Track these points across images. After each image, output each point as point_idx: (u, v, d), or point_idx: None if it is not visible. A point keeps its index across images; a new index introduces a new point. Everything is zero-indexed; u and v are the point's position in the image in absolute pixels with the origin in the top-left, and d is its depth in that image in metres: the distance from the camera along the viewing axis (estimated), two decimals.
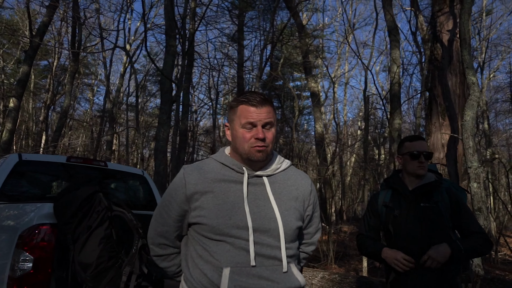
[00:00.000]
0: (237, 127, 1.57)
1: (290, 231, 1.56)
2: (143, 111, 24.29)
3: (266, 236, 1.51)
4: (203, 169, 1.61)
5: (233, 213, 1.50)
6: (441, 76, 5.24)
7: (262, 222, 1.51)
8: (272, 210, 1.54)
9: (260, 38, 15.79)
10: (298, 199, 1.65)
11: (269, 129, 1.58)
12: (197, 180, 1.56)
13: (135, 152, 25.00)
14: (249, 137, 1.54)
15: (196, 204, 1.54)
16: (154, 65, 10.57)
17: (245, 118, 1.55)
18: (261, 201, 1.56)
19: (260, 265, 1.47)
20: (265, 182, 1.60)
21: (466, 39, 4.13)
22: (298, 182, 1.69)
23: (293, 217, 1.59)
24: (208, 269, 1.48)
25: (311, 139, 26.63)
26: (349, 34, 16.13)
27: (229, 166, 1.60)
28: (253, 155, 1.55)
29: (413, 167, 2.40)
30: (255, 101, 1.56)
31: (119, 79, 21.79)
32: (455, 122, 5.02)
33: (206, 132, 23.51)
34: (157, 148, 9.42)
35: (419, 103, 15.27)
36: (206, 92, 21.44)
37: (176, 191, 1.59)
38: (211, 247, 1.50)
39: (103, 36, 15.33)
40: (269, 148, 1.58)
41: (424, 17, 15.44)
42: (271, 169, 1.64)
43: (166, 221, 1.62)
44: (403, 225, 2.32)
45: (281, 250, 1.51)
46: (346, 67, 26.36)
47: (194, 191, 1.55)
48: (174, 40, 10.18)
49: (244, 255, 1.47)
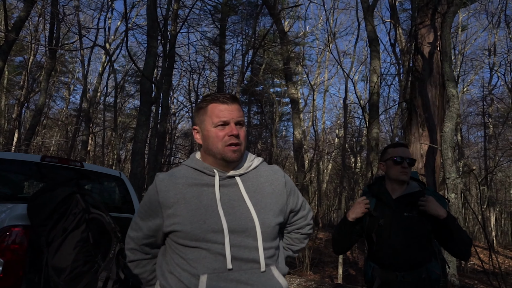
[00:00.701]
0: (209, 127, 1.54)
1: (268, 229, 1.52)
2: (121, 111, 23.89)
3: (244, 236, 1.48)
4: (174, 176, 1.57)
5: (207, 216, 1.47)
6: (421, 88, 5.35)
7: (238, 222, 1.48)
8: (247, 210, 1.51)
9: (242, 43, 15.84)
10: (274, 194, 1.62)
11: (241, 127, 1.56)
12: (169, 187, 1.53)
13: (111, 153, 24.55)
14: (223, 135, 1.51)
15: (169, 211, 1.50)
16: (135, 65, 10.42)
17: (217, 116, 1.52)
18: (236, 201, 1.52)
19: (238, 269, 1.44)
20: (238, 182, 1.56)
21: (447, 52, 4.23)
22: (271, 177, 1.65)
23: (270, 214, 1.55)
24: (185, 277, 1.44)
25: (289, 145, 26.79)
26: (330, 42, 16.32)
27: (200, 170, 1.57)
28: (227, 155, 1.52)
29: (396, 172, 2.40)
30: (225, 99, 1.54)
31: (97, 78, 21.39)
32: (434, 133, 5.12)
33: (185, 135, 23.33)
34: (135, 150, 9.26)
35: (396, 113, 15.56)
36: (185, 95, 21.27)
37: (149, 199, 1.57)
38: (187, 255, 1.46)
39: (82, 34, 15.03)
40: (243, 147, 1.56)
41: (403, 29, 15.79)
42: (243, 167, 1.61)
43: (140, 226, 1.60)
44: (386, 234, 2.31)
45: (258, 250, 1.48)
46: (326, 75, 26.68)
47: (166, 198, 1.51)
48: (156, 41, 10.07)
49: (221, 260, 1.43)
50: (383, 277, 2.29)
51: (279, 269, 1.57)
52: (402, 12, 18.23)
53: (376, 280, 2.31)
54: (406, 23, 17.38)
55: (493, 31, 20.79)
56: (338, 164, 23.20)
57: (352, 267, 13.25)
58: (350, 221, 2.35)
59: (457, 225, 2.23)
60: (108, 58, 17.18)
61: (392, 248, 2.28)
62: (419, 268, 2.25)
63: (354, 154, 23.13)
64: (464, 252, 2.30)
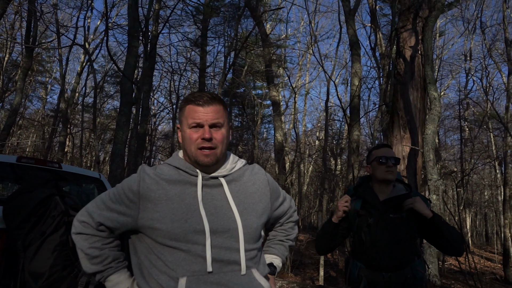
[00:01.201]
0: (185, 128, 1.52)
1: (250, 230, 1.50)
2: (100, 112, 23.49)
3: (225, 237, 1.45)
4: (158, 172, 1.53)
5: (189, 216, 1.43)
6: (403, 90, 5.42)
7: (221, 223, 1.45)
8: (230, 210, 1.48)
9: (224, 45, 15.77)
10: (257, 193, 1.60)
11: (218, 129, 1.52)
12: (152, 180, 1.48)
13: (89, 155, 24.10)
14: (196, 137, 1.49)
15: (148, 205, 1.45)
16: (115, 65, 10.24)
17: (192, 118, 1.50)
18: (219, 201, 1.49)
19: (218, 271, 1.40)
20: (223, 182, 1.54)
21: (429, 55, 4.30)
22: (253, 177, 1.64)
23: (253, 214, 1.53)
24: (163, 280, 1.40)
25: (270, 148, 26.86)
26: (312, 45, 16.44)
27: (183, 169, 1.53)
28: (199, 159, 1.49)
29: (381, 172, 2.40)
30: (201, 101, 1.50)
31: (76, 78, 20.96)
32: (415, 135, 5.19)
33: (165, 137, 23.10)
34: (115, 151, 9.10)
35: (376, 116, 15.77)
36: (166, 96, 21.07)
37: (129, 187, 1.50)
38: (165, 256, 1.41)
39: (61, 32, 14.70)
40: (218, 150, 1.52)
41: (383, 34, 16.04)
42: (226, 169, 1.58)
43: (106, 205, 1.52)
44: (373, 236, 2.32)
45: (240, 252, 1.45)
46: (307, 78, 26.91)
47: (148, 190, 1.46)
48: (137, 41, 9.93)
49: (201, 263, 1.39)
50: (369, 277, 2.30)
51: (260, 271, 1.54)
52: (382, 17, 18.54)
53: (362, 280, 2.32)
54: (386, 28, 17.67)
55: (469, 37, 21.33)
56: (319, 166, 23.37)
57: (332, 268, 13.34)
58: (334, 222, 2.36)
59: (444, 222, 2.25)
60: (87, 58, 16.87)
61: (379, 249, 2.29)
62: (404, 268, 2.27)
63: (334, 156, 23.33)
64: (456, 248, 2.32)
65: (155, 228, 1.42)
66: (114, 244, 1.58)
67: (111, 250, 1.55)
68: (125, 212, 1.49)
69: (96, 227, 1.53)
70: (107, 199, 1.54)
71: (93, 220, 1.52)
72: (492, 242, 27.38)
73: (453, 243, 2.28)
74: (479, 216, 33.93)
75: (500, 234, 20.85)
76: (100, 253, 1.52)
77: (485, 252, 24.26)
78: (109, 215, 1.51)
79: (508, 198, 17.72)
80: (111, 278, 1.54)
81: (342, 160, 24.77)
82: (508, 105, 17.55)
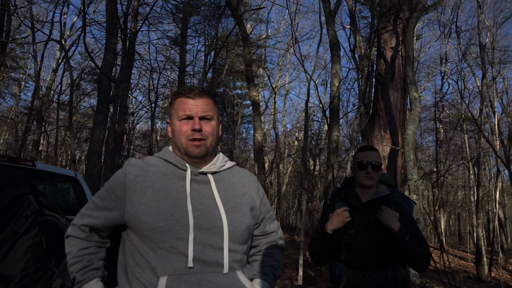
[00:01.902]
0: (175, 121, 1.54)
1: (236, 229, 1.47)
2: (76, 110, 22.98)
3: (210, 234, 1.42)
4: (146, 163, 1.53)
5: (175, 209, 1.41)
6: (384, 91, 5.47)
7: (206, 219, 1.43)
8: (216, 208, 1.47)
9: (204, 44, 15.65)
10: (246, 196, 1.59)
11: (208, 122, 1.53)
12: (138, 172, 1.48)
13: (65, 154, 23.54)
14: (186, 129, 1.50)
15: (134, 198, 1.44)
16: (93, 61, 10.01)
17: (182, 110, 1.52)
18: (206, 198, 1.48)
19: (200, 272, 1.37)
20: (210, 179, 1.53)
21: (410, 56, 4.34)
22: (244, 179, 1.64)
23: (239, 214, 1.51)
24: (145, 278, 1.36)
25: (250, 148, 26.83)
26: (292, 45, 16.50)
27: (172, 162, 1.52)
28: (190, 150, 1.50)
29: (361, 177, 2.40)
30: (192, 93, 1.53)
31: (51, 75, 20.44)
32: (395, 136, 5.24)
33: (143, 136, 22.76)
34: (92, 150, 8.90)
35: (355, 117, 15.94)
36: (145, 94, 20.76)
37: (115, 181, 1.51)
38: (148, 254, 1.39)
39: (36, 27, 14.29)
40: (209, 142, 1.53)
41: (362, 36, 16.22)
42: (216, 166, 1.58)
43: (96, 205, 1.53)
44: (355, 239, 2.31)
45: (223, 251, 1.42)
46: (287, 78, 27.00)
47: (133, 182, 1.46)
48: (115, 38, 9.73)
49: (182, 261, 1.36)
50: (350, 277, 2.30)
51: (246, 274, 1.50)
52: (361, 19, 18.76)
53: (343, 279, 2.31)
54: (365, 30, 17.90)
55: (445, 41, 21.81)
56: (298, 166, 23.48)
57: (311, 268, 13.39)
58: (330, 234, 2.33)
59: (408, 241, 2.23)
60: (64, 54, 16.47)
61: (360, 250, 2.30)
62: (385, 268, 2.27)
63: (313, 156, 23.49)
64: (415, 265, 2.34)
65: (141, 221, 1.40)
66: (91, 249, 1.53)
67: (83, 257, 1.51)
68: (112, 207, 1.48)
69: (81, 230, 1.53)
70: (97, 198, 1.55)
71: (80, 221, 1.53)
72: (465, 242, 28.09)
73: (414, 261, 2.30)
74: (453, 216, 34.78)
75: (473, 233, 21.41)
76: (74, 261, 1.49)
77: (458, 251, 24.88)
78: (97, 214, 1.51)
79: (480, 198, 18.22)
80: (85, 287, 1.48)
81: (321, 160, 24.99)
82: (482, 107, 18.03)
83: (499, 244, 20.21)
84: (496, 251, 18.89)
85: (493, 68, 19.24)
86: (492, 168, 23.01)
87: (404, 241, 2.22)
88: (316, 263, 2.56)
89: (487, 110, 19.45)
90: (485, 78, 17.88)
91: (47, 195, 2.54)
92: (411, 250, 2.24)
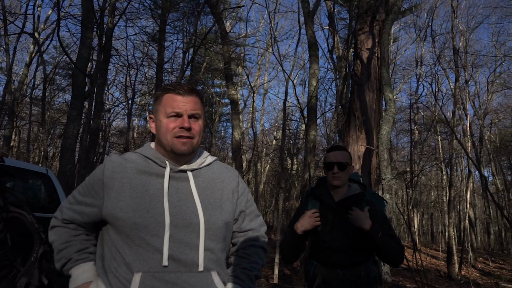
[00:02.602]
0: (162, 117, 1.51)
1: (213, 226, 1.46)
2: (50, 106, 22.40)
3: (186, 232, 1.41)
4: (125, 159, 1.51)
5: (152, 206, 1.40)
6: (359, 92, 5.53)
7: (183, 216, 1.42)
8: (194, 205, 1.45)
9: (183, 41, 15.53)
10: (225, 191, 1.57)
11: (196, 120, 1.51)
12: (116, 169, 1.47)
13: (37, 150, 22.94)
14: (173, 126, 1.48)
15: (112, 194, 1.43)
16: (67, 56, 9.78)
17: (171, 107, 1.49)
18: (184, 195, 1.47)
19: (175, 271, 1.36)
20: (189, 176, 1.52)
21: (385, 57, 4.40)
22: (224, 175, 1.62)
23: (218, 211, 1.50)
24: (120, 273, 1.36)
25: (227, 146, 26.76)
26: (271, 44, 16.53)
27: (152, 159, 1.51)
28: (177, 148, 1.48)
29: (328, 177, 2.45)
30: (181, 90, 1.51)
31: (24, 69, 19.87)
32: (371, 136, 5.30)
33: (120, 133, 22.39)
34: (65, 146, 8.70)
35: (333, 117, 16.10)
36: (122, 91, 20.42)
37: (94, 177, 1.51)
38: (124, 249, 1.38)
39: (8, 20, 13.86)
40: (195, 141, 1.51)
41: (340, 37, 16.40)
42: (195, 163, 1.57)
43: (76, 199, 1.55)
44: (328, 236, 2.34)
45: (199, 249, 1.41)
46: (266, 77, 27.05)
47: (111, 179, 1.45)
48: (91, 32, 9.54)
49: (157, 259, 1.35)
50: (324, 275, 2.33)
51: (221, 276, 1.48)
52: (339, 20, 18.96)
53: (317, 277, 2.34)
54: (343, 32, 18.10)
55: (420, 44, 22.25)
56: (275, 165, 23.55)
57: (287, 267, 13.46)
58: (299, 234, 2.35)
59: (381, 237, 2.27)
60: (37, 48, 16.02)
61: (333, 248, 2.33)
62: (358, 266, 2.30)
63: (291, 156, 23.61)
64: (391, 260, 2.38)
65: (118, 217, 1.40)
66: (82, 236, 1.55)
67: (77, 241, 1.52)
68: (91, 203, 1.48)
69: (64, 222, 1.54)
70: (77, 193, 1.55)
71: (61, 216, 1.55)
72: (437, 241, 28.80)
73: (389, 256, 2.34)
74: (426, 215, 35.59)
75: (445, 233, 21.96)
76: (65, 245, 1.50)
77: (430, 250, 25.47)
78: (77, 208, 1.52)
79: (452, 199, 18.69)
80: (73, 271, 1.48)
81: (298, 159, 25.13)
82: (455, 110, 18.49)
83: (469, 243, 20.79)
84: (466, 250, 19.43)
85: (466, 71, 19.77)
86: (464, 169, 23.66)
87: (377, 237, 2.26)
88: (285, 261, 2.57)
89: (460, 113, 19.97)
90: (458, 81, 18.34)
91: (14, 192, 2.47)
92: (385, 245, 2.28)
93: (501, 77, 24.14)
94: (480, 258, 23.00)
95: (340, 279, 2.28)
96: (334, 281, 2.28)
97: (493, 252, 28.71)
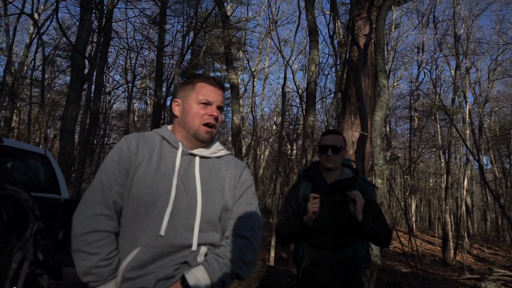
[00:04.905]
0: (192, 103, 1.60)
1: (210, 209, 1.52)
2: (50, 88, 22.38)
3: (185, 213, 1.48)
4: (144, 137, 1.59)
5: (162, 184, 1.48)
6: (355, 78, 5.55)
7: (184, 198, 1.49)
8: (194, 188, 1.53)
9: (183, 24, 15.40)
10: (227, 179, 1.63)
11: (220, 112, 1.63)
12: (138, 146, 1.54)
13: (38, 132, 23.00)
14: (203, 113, 1.58)
15: (132, 169, 1.50)
16: (66, 37, 9.76)
17: (204, 95, 1.60)
18: (189, 178, 1.54)
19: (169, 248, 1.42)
20: (196, 160, 1.59)
21: (381, 44, 4.43)
22: (231, 164, 1.68)
23: (217, 195, 1.56)
24: (123, 245, 1.45)
25: (227, 131, 26.79)
26: (272, 29, 16.41)
27: (167, 139, 1.60)
28: (201, 134, 1.58)
29: (322, 160, 2.50)
30: (214, 82, 1.63)
31: (24, 50, 19.79)
32: (365, 122, 5.35)
33: (120, 116, 22.40)
34: (64, 128, 8.76)
35: (332, 103, 16.10)
36: (122, 74, 20.36)
37: (120, 156, 1.51)
38: (132, 226, 1.45)
39: (8, 0, 13.77)
40: (215, 130, 1.63)
41: (341, 22, 16.25)
42: (208, 151, 1.64)
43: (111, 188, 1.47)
44: (319, 218, 2.38)
45: (193, 230, 1.47)
46: (267, 62, 26.88)
47: (136, 155, 1.52)
48: (90, 14, 9.50)
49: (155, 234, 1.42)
50: (312, 256, 2.39)
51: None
52: (341, 5, 18.75)
53: (306, 258, 2.41)
54: (345, 17, 17.93)
55: (422, 31, 22.08)
56: (274, 150, 23.63)
57: (284, 250, 13.65)
58: (305, 223, 2.38)
59: (371, 228, 2.33)
60: (37, 30, 15.95)
61: (323, 230, 2.38)
62: (346, 248, 2.37)
63: (290, 141, 23.66)
64: (379, 243, 2.45)
65: (130, 193, 1.47)
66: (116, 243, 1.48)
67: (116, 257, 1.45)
68: (123, 182, 1.49)
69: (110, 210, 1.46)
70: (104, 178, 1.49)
71: (98, 211, 1.44)
72: (434, 227, 29.03)
73: (376, 240, 2.42)
74: (424, 202, 35.82)
75: (442, 219, 22.12)
76: (111, 261, 1.42)
77: (427, 236, 25.71)
78: (118, 190, 1.48)
79: (450, 186, 18.80)
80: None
81: (297, 145, 25.20)
82: (454, 97, 18.46)
83: (465, 229, 20.99)
84: (462, 236, 19.63)
85: (467, 59, 19.66)
86: (462, 156, 23.71)
87: (369, 229, 2.33)
88: (283, 243, 2.55)
89: (460, 100, 19.93)
90: (459, 69, 18.26)
91: (8, 169, 2.54)
92: (373, 232, 2.36)
93: (502, 65, 23.99)
94: (476, 244, 23.23)
95: (328, 260, 2.34)
96: (321, 261, 2.35)
97: (489, 238, 28.99)
